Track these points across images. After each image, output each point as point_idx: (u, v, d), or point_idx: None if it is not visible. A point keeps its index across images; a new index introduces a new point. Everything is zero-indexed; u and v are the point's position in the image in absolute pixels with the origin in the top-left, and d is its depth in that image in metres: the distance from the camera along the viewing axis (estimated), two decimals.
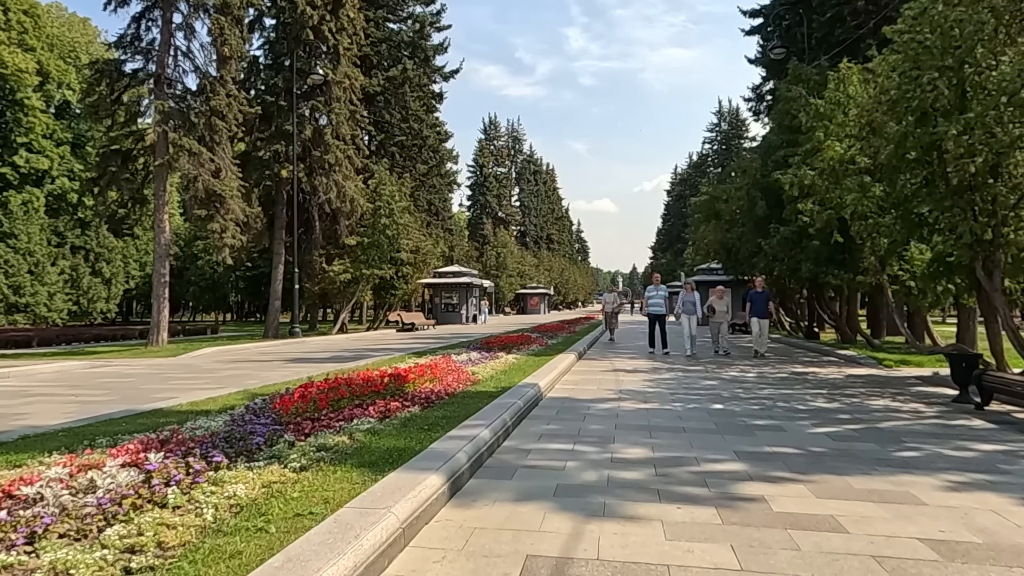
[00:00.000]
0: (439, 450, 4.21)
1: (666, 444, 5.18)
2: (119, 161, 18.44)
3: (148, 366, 12.86)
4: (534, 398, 7.00)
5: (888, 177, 9.37)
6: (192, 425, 5.17)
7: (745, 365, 11.72)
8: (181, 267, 50.33)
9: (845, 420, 6.29)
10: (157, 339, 18.91)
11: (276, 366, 12.33)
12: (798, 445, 5.17)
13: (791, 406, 7.10)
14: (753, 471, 4.34)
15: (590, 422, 6.13)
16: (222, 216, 19.15)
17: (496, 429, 5.09)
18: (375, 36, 28.80)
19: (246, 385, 8.65)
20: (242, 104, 20.28)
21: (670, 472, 4.32)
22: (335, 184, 23.83)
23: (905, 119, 8.31)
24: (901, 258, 11.19)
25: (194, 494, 3.31)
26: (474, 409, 5.93)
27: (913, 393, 8.25)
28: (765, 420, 6.25)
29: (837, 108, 11.25)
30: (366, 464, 3.99)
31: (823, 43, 18.26)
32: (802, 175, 11.52)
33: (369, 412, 5.60)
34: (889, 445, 5.19)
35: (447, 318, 39.10)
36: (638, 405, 7.15)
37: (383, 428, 5.08)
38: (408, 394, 6.64)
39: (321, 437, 4.69)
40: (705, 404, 7.22)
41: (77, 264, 40.01)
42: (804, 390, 8.43)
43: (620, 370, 10.82)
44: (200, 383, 9.50)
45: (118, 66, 18.74)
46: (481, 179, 71.92)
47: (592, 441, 5.28)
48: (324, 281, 25.28)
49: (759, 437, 5.47)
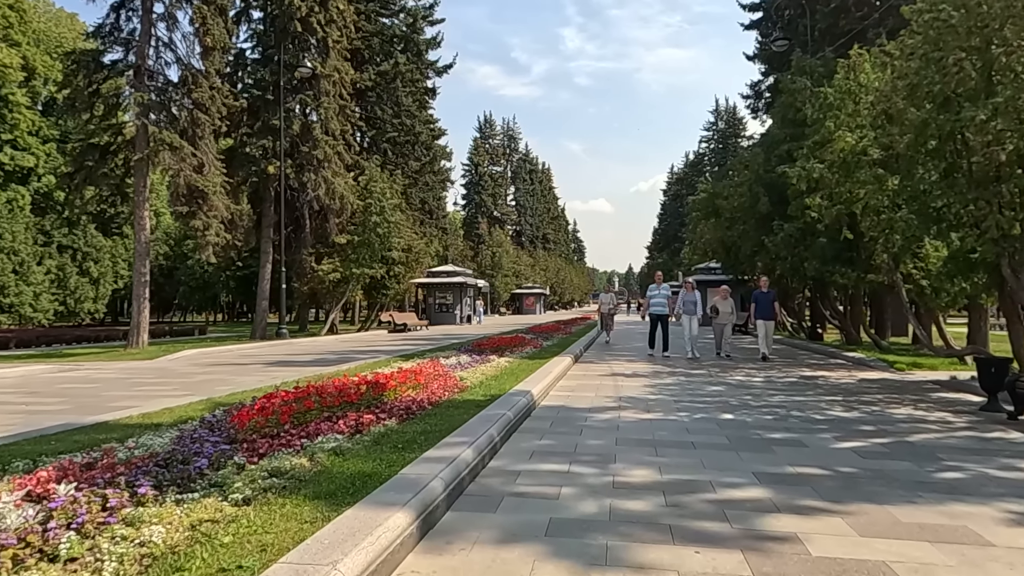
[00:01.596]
0: (411, 477, 3.57)
1: (675, 464, 4.56)
2: (96, 156, 17.71)
3: (120, 370, 12.17)
4: (526, 408, 6.37)
5: (905, 169, 8.78)
6: (133, 443, 4.52)
7: (750, 369, 11.12)
8: (171, 267, 49.55)
9: (869, 432, 5.68)
10: (137, 341, 18.20)
11: (255, 370, 11.67)
12: (824, 464, 4.55)
13: (807, 416, 6.49)
14: (779, 499, 3.72)
15: (588, 436, 5.50)
16: (205, 213, 18.44)
17: (481, 447, 4.45)
18: (366, 30, 28.11)
19: (215, 392, 8.00)
20: (226, 97, 19.57)
21: (682, 501, 3.69)
22: (324, 181, 23.13)
23: (925, 105, 7.72)
24: (916, 256, 10.61)
25: (99, 540, 2.66)
26: (458, 422, 5.29)
27: (935, 400, 7.66)
28: (782, 433, 5.64)
29: (847, 97, 10.66)
30: (323, 495, 3.35)
31: (827, 34, 17.69)
32: (810, 168, 10.92)
33: (339, 427, 4.96)
34: (926, 463, 4.59)
35: (441, 318, 38.42)
36: (640, 415, 6.52)
37: (351, 447, 4.43)
38: (386, 404, 6.00)
39: (277, 459, 4.05)
40: (713, 414, 6.60)
41: (64, 263, 39.20)
42: (818, 397, 7.82)
43: (619, 374, 10.20)
44: (168, 389, 8.83)
45: (96, 57, 18.01)
46: (476, 178, 71.24)
47: (591, 460, 4.65)
48: (313, 281, 24.59)
49: (778, 454, 4.85)
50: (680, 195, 74.56)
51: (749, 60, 31.99)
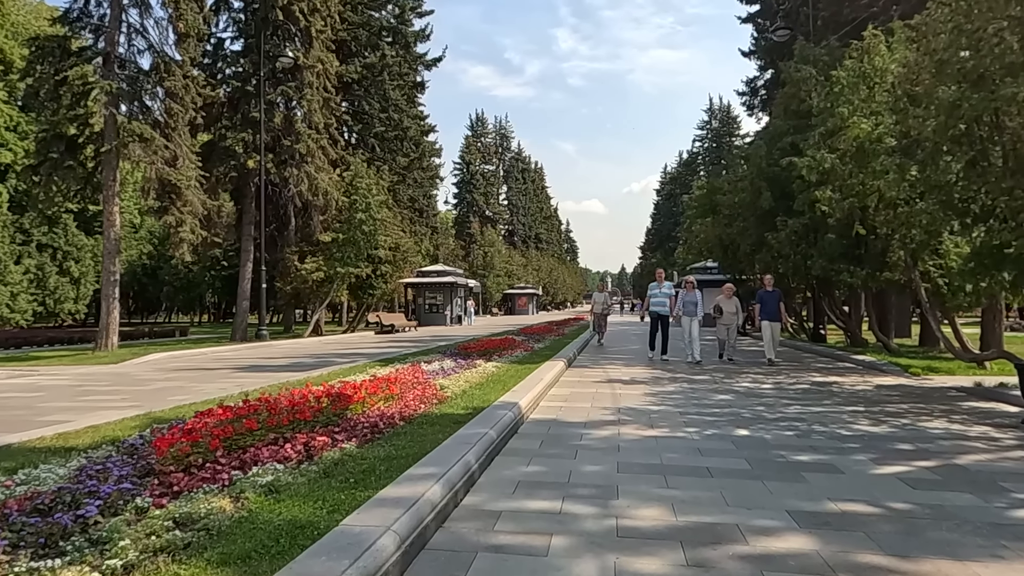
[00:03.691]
0: (355, 531, 2.73)
1: (691, 499, 3.74)
2: (62, 147, 16.72)
3: (76, 376, 11.24)
4: (512, 424, 5.54)
5: (930, 156, 8.01)
6: (23, 476, 3.66)
7: (756, 373, 10.34)
8: (155, 266, 48.36)
9: (909, 453, 4.90)
10: (106, 343, 17.23)
11: (221, 376, 10.77)
12: (871, 498, 3.75)
13: (832, 431, 5.69)
14: (830, 553, 2.90)
15: (584, 460, 4.68)
16: (178, 209, 17.48)
17: (453, 481, 3.62)
18: (352, 20, 27.16)
19: (166, 403, 7.12)
20: (202, 86, 18.62)
21: (708, 559, 2.86)
22: (307, 176, 22.19)
23: (956, 83, 6.96)
24: (935, 252, 9.86)
25: None
26: (431, 444, 4.46)
27: (967, 411, 6.89)
28: (809, 454, 4.84)
29: (861, 81, 9.90)
30: (233, 559, 2.51)
31: (830, 23, 16.97)
32: (820, 158, 10.16)
33: (285, 452, 4.12)
34: (992, 496, 3.79)
35: (431, 319, 37.52)
36: (643, 431, 5.70)
37: (292, 481, 3.59)
38: (350, 421, 5.16)
39: (192, 499, 3.21)
40: (726, 429, 5.79)
41: (43, 263, 37.99)
42: (837, 407, 7.04)
43: (616, 380, 9.39)
44: (114, 400, 7.93)
45: (62, 43, 17.01)
46: (468, 176, 70.28)
47: (588, 495, 3.82)
48: (296, 280, 23.64)
49: (813, 484, 4.05)
50: (674, 194, 74.04)
51: (745, 56, 31.30)
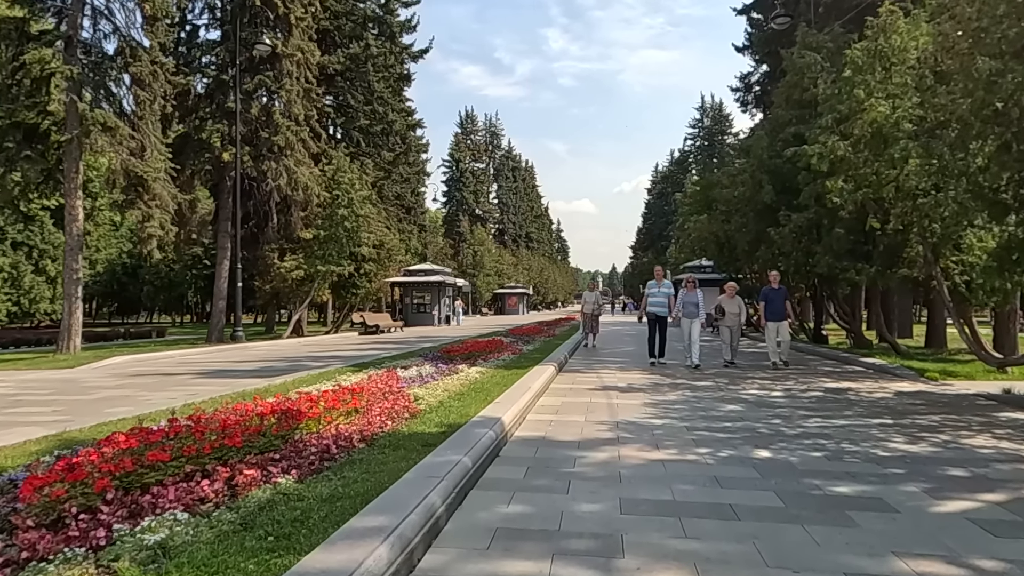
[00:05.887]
0: None
1: (717, 555, 2.89)
2: (20, 137, 15.67)
3: (19, 383, 10.24)
4: (492, 446, 4.67)
5: (959, 140, 7.24)
6: None
7: (763, 379, 9.54)
8: (135, 265, 47.07)
9: (966, 481, 4.09)
10: (68, 345, 16.19)
11: (179, 382, 9.83)
12: (947, 551, 2.92)
13: (866, 452, 4.88)
14: None
15: (579, 494, 3.82)
16: (145, 203, 16.48)
17: (407, 536, 2.75)
18: (336, 9, 26.18)
19: (103, 417, 6.20)
20: (172, 73, 17.60)
21: None
22: (285, 170, 21.20)
23: (997, 54, 6.18)
24: (957, 247, 9.11)
25: None
26: (388, 476, 3.60)
27: (1008, 423, 6.11)
28: (848, 484, 4.01)
29: (877, 61, 9.12)
30: None
31: (833, 9, 16.28)
32: (832, 146, 9.38)
33: (201, 490, 3.24)
34: None
35: (418, 319, 36.57)
36: (647, 453, 4.86)
37: (191, 539, 2.70)
38: (297, 445, 4.27)
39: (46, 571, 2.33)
40: (743, 449, 4.96)
41: (18, 261, 36.80)
42: (862, 420, 6.23)
43: (611, 388, 8.55)
44: (44, 414, 6.98)
45: (21, 26, 15.95)
46: (457, 174, 69.28)
47: (584, 550, 2.96)
48: (276, 279, 22.64)
49: (866, 529, 3.22)
50: (665, 193, 73.58)
51: (738, 51, 30.63)
